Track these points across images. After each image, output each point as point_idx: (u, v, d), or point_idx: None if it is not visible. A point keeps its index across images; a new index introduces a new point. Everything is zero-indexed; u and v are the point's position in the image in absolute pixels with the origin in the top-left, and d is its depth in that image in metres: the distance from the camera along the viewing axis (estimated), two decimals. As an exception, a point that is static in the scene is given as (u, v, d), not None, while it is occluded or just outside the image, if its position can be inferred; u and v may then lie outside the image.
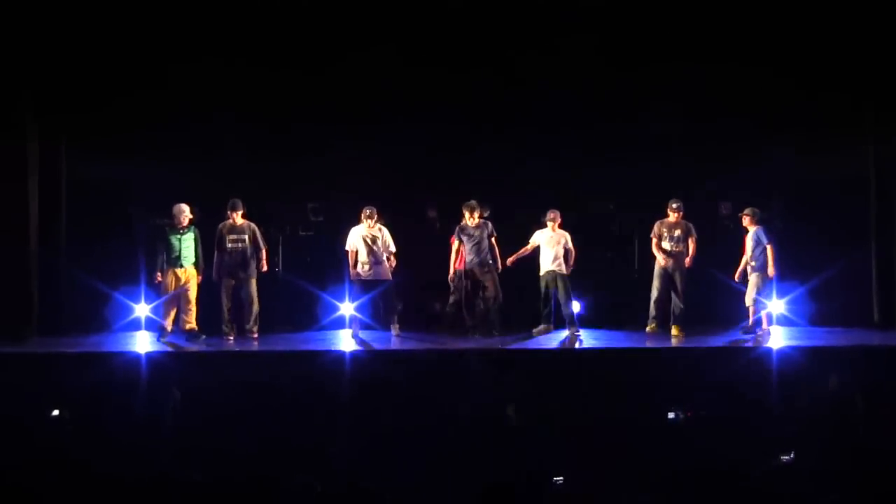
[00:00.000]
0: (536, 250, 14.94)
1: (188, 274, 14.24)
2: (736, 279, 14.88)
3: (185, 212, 14.26)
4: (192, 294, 14.29)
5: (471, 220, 14.69)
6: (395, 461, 8.84)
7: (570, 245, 14.77)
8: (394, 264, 14.76)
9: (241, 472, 8.40)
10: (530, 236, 14.99)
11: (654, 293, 14.85)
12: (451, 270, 15.03)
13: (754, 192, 15.83)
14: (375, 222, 14.59)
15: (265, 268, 14.55)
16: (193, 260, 14.25)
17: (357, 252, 14.61)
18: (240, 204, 14.44)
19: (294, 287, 15.56)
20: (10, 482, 8.42)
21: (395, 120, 15.89)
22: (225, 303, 14.53)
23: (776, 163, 16.01)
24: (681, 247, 14.67)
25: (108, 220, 15.70)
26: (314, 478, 7.47)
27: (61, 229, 15.38)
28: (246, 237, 14.36)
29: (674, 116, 15.79)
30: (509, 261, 14.87)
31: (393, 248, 14.69)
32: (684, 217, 14.81)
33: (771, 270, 14.56)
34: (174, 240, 14.15)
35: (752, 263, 14.60)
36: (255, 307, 14.53)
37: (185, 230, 14.22)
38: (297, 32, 15.23)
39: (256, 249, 14.45)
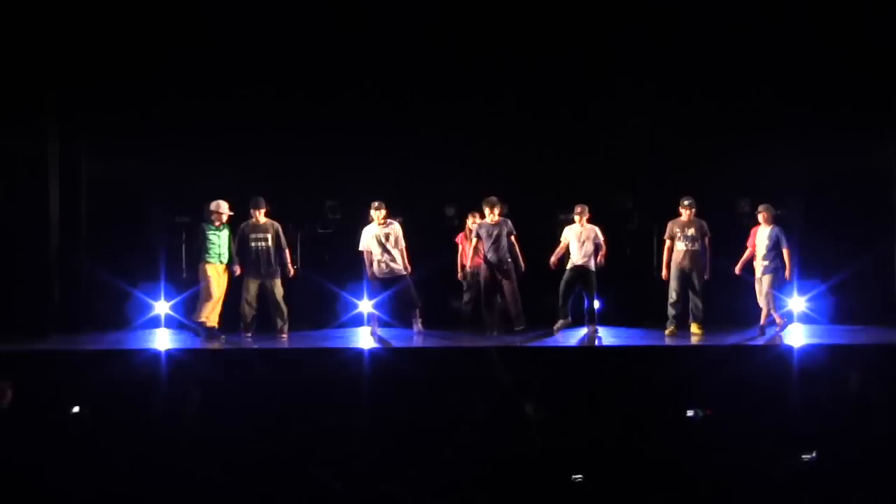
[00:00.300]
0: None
1: (221, 271, 14.20)
2: (737, 272, 14.67)
3: (223, 208, 14.19)
4: (222, 292, 14.25)
5: (490, 216, 14.55)
6: (413, 459, 8.81)
7: (601, 239, 14.64)
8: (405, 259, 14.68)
9: (260, 469, 8.40)
10: (559, 234, 14.86)
11: (672, 295, 14.64)
12: (460, 269, 15.16)
13: (774, 189, 15.60)
14: (385, 217, 14.51)
15: (292, 271, 14.53)
16: (228, 257, 14.23)
17: (371, 252, 14.56)
18: (262, 202, 14.38)
19: (312, 285, 15.56)
20: (32, 478, 8.45)
21: (413, 117, 16.00)
22: (246, 302, 14.46)
23: (796, 159, 15.89)
24: (696, 245, 14.44)
25: (128, 218, 15.75)
26: (334, 476, 7.42)
27: (81, 227, 15.44)
28: (269, 236, 14.29)
29: (691, 113, 15.85)
30: (552, 262, 14.75)
31: (402, 243, 14.62)
32: (697, 215, 14.57)
33: (788, 274, 14.35)
34: (213, 236, 14.11)
35: (766, 263, 14.33)
36: (284, 307, 14.49)
37: (223, 226, 14.19)
38: (316, 33, 15.36)
39: (279, 248, 14.37)
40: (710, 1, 15.16)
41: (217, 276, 14.12)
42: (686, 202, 14.50)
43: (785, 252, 14.31)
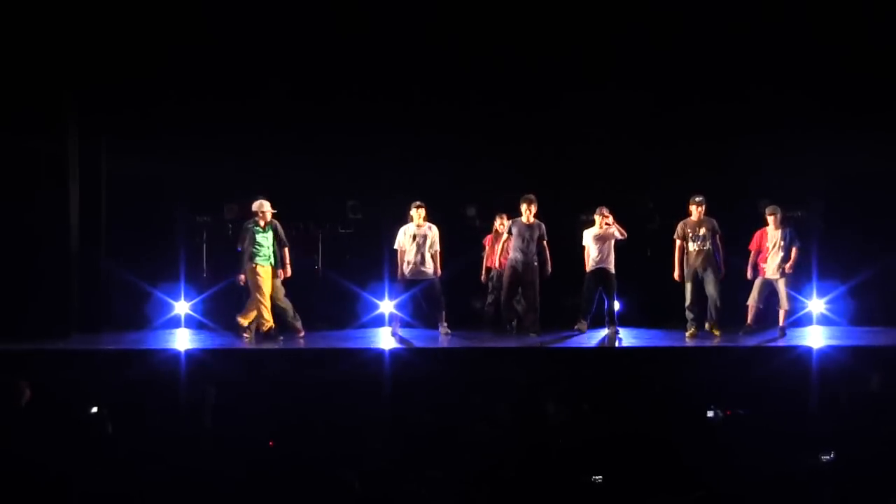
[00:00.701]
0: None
1: (269, 272, 14.22)
2: (750, 276, 14.62)
3: (265, 207, 14.19)
4: (268, 291, 14.26)
5: (526, 214, 14.56)
6: (433, 459, 8.82)
7: (619, 236, 14.70)
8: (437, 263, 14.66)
9: (280, 468, 8.42)
10: (580, 235, 14.97)
11: (688, 297, 14.54)
12: (484, 272, 15.28)
13: (795, 189, 15.78)
14: (424, 219, 14.46)
15: (288, 273, 14.40)
16: (275, 258, 14.26)
17: (405, 252, 14.52)
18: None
19: (333, 285, 15.58)
20: (49, 477, 8.48)
21: (436, 117, 16.03)
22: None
23: (817, 160, 15.88)
24: (707, 245, 14.31)
25: (148, 217, 15.78)
26: (353, 475, 7.45)
27: (101, 227, 15.49)
28: (269, 235, 14.23)
29: (713, 114, 15.76)
30: (587, 269, 14.80)
31: (437, 247, 14.58)
32: (708, 213, 14.48)
33: (789, 267, 14.38)
34: (260, 237, 14.12)
35: (783, 266, 14.34)
36: (289, 305, 14.48)
37: (268, 226, 14.20)
38: (335, 32, 15.26)
39: (281, 246, 14.30)
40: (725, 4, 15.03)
41: (266, 278, 14.15)
42: (697, 199, 14.38)
43: (794, 251, 14.32)
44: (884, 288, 15.55)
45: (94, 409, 11.43)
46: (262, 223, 14.08)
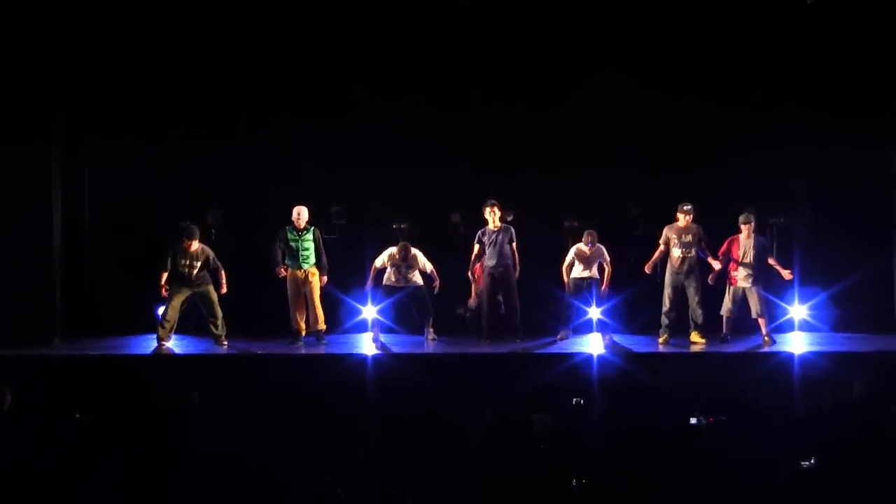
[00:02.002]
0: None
1: (310, 274, 14.47)
2: (710, 282, 14.60)
3: (302, 213, 14.46)
4: (316, 295, 14.54)
5: (491, 217, 14.66)
6: (417, 465, 8.84)
7: (606, 262, 14.79)
8: (436, 283, 14.88)
9: (263, 474, 8.41)
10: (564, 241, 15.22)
11: (666, 303, 14.56)
12: (473, 284, 15.19)
13: (780, 196, 15.87)
14: (403, 250, 14.63)
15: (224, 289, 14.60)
16: (314, 261, 14.49)
17: (382, 270, 14.83)
18: (195, 232, 14.40)
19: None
20: (33, 483, 8.48)
21: (420, 123, 16.10)
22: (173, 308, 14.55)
23: (803, 167, 15.91)
24: (692, 252, 14.32)
25: (134, 221, 15.74)
26: (336, 480, 7.44)
27: (86, 232, 15.73)
28: (198, 263, 14.36)
29: (697, 120, 15.84)
30: (567, 283, 14.93)
31: (430, 267, 14.81)
32: (695, 221, 14.49)
33: (788, 274, 14.58)
34: (293, 242, 14.41)
35: (753, 273, 14.40)
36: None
37: (304, 231, 14.44)
38: (318, 42, 15.48)
39: (212, 272, 14.56)
40: (720, 4, 15.14)
41: (296, 282, 14.59)
42: (686, 207, 14.37)
43: (772, 261, 14.50)
44: (866, 294, 15.64)
45: (77, 416, 11.54)
46: (297, 228, 14.52)
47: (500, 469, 8.61)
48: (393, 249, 14.66)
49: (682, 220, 14.37)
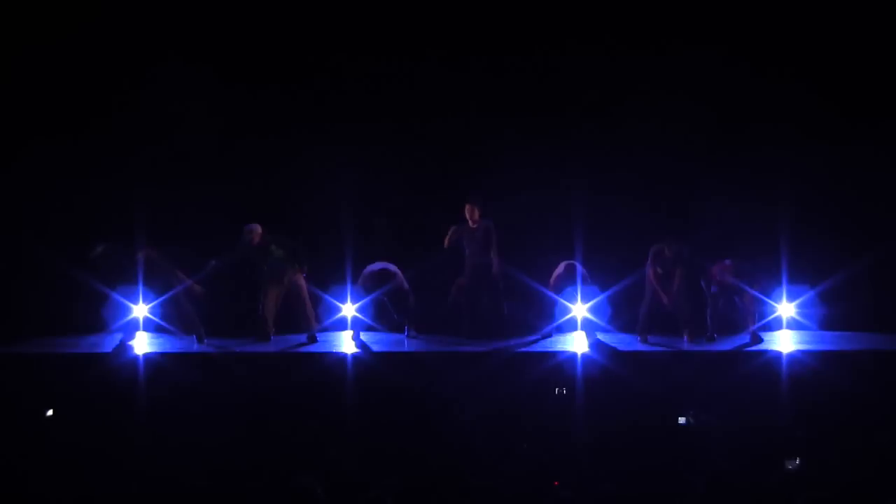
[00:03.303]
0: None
1: (292, 279, 14.74)
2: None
3: (255, 231, 14.71)
4: (305, 296, 14.80)
5: (470, 216, 14.72)
6: (393, 462, 8.94)
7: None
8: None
9: (242, 474, 8.48)
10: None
11: (646, 305, 14.74)
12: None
13: (767, 194, 15.80)
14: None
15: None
16: (291, 267, 14.71)
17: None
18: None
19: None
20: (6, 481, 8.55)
21: (400, 120, 16.20)
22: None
23: (788, 166, 15.84)
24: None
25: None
26: (315, 480, 7.46)
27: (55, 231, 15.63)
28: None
29: (681, 117, 15.78)
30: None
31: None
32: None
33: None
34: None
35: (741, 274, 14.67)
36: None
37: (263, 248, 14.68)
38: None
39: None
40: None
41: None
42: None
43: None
44: (853, 293, 15.51)
45: (49, 413, 11.71)
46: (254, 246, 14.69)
47: (480, 468, 8.66)
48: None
49: (667, 251, 14.55)
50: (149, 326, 14.90)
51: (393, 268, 15.04)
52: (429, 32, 16.04)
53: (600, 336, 14.75)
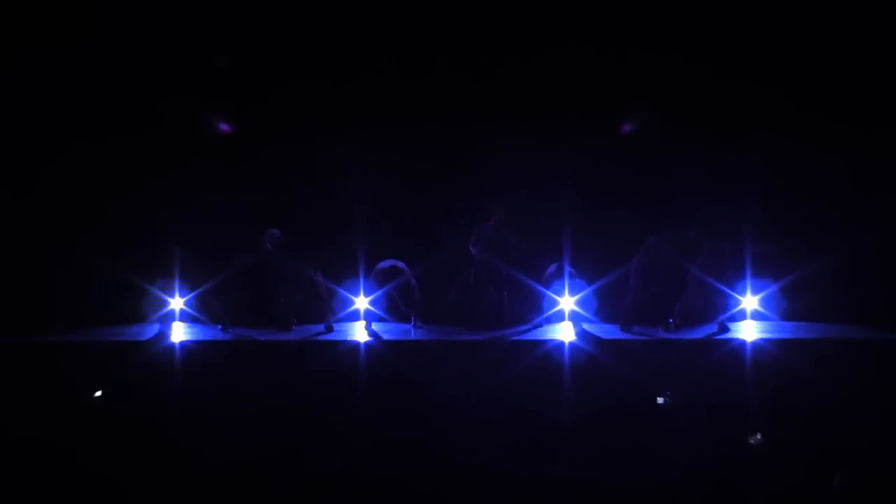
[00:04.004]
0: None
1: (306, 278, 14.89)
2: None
3: (275, 235, 14.82)
4: (323, 292, 14.90)
5: (495, 223, 14.87)
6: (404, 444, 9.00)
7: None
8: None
9: (265, 451, 8.53)
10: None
11: (631, 294, 14.77)
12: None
13: (732, 193, 15.70)
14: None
15: None
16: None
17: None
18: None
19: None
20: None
21: (404, 126, 16.06)
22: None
23: (750, 165, 15.86)
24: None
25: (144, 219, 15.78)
26: (334, 456, 7.55)
27: (103, 232, 15.65)
28: None
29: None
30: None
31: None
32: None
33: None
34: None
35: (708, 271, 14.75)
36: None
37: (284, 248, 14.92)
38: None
39: None
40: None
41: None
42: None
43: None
44: (810, 288, 15.46)
45: (97, 394, 11.97)
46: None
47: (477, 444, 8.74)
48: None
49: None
50: (183, 317, 15.02)
51: (401, 264, 15.11)
52: (424, 41, 15.82)
53: (585, 326, 14.77)
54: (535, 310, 15.24)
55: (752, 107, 15.70)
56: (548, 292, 15.10)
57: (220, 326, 14.83)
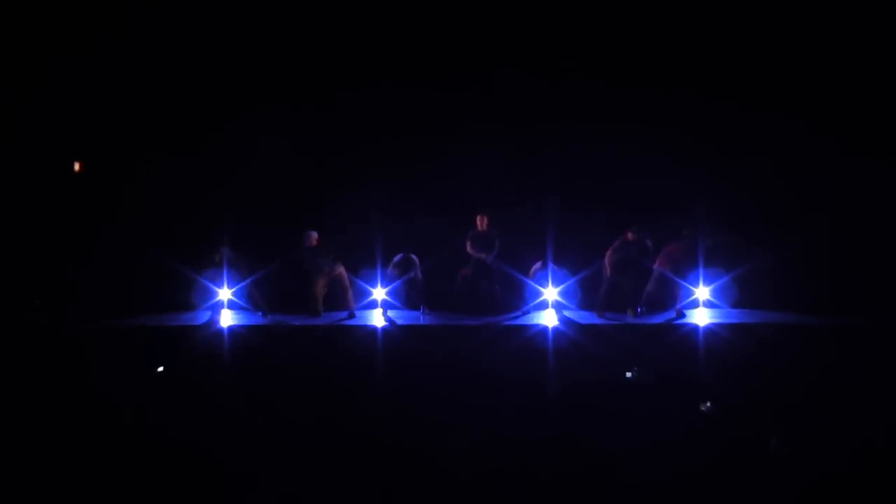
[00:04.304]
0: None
1: (335, 274, 15.53)
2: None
3: (312, 236, 15.47)
4: (347, 286, 15.51)
5: (480, 223, 15.57)
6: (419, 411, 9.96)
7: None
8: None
9: (298, 419, 9.59)
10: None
11: (606, 286, 15.28)
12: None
13: (683, 198, 16.02)
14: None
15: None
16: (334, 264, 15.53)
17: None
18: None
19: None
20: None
21: (407, 140, 16.68)
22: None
23: (703, 168, 16.25)
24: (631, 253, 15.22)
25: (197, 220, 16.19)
26: (357, 425, 8.62)
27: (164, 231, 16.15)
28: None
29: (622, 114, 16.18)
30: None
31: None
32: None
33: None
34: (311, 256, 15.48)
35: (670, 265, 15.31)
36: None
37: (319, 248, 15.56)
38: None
39: None
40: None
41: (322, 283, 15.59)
42: (634, 228, 15.25)
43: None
44: (755, 280, 15.78)
45: (160, 369, 12.64)
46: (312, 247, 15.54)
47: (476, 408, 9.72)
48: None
49: (631, 236, 15.26)
50: (230, 306, 15.45)
51: (413, 258, 15.73)
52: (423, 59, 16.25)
53: (566, 313, 15.22)
54: (523, 299, 15.63)
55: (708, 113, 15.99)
56: (534, 284, 15.54)
57: (260, 314, 15.33)
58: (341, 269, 15.64)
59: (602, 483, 8.18)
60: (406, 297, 16.05)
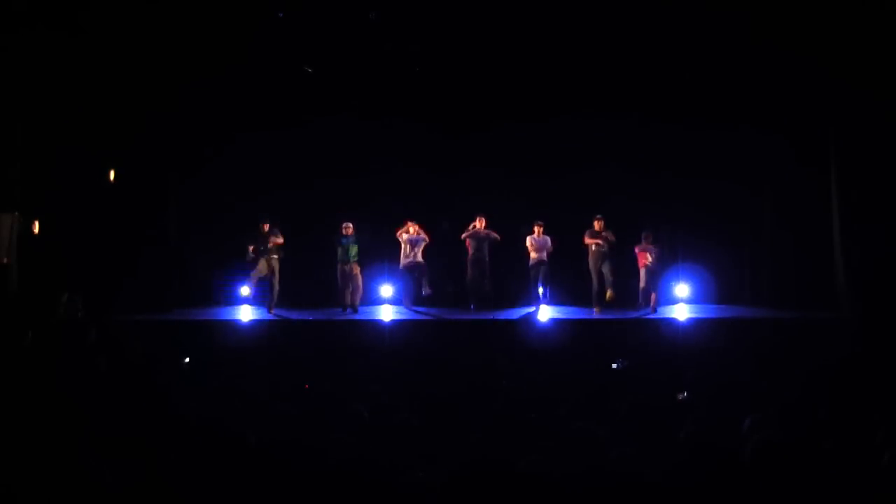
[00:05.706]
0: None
1: (354, 267, 14.65)
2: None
3: (349, 226, 14.63)
4: (360, 281, 14.70)
5: (479, 223, 14.64)
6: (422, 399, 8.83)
7: (550, 246, 14.53)
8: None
9: (305, 403, 8.36)
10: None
11: (595, 283, 14.46)
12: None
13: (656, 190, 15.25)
14: (417, 231, 14.73)
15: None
16: (357, 258, 14.67)
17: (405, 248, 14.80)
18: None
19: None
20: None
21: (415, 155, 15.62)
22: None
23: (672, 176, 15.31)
24: (605, 247, 14.27)
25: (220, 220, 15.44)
26: (362, 407, 7.39)
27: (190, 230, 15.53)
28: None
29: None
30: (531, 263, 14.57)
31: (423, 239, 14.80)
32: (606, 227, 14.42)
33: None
34: (343, 245, 14.61)
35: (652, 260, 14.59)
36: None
37: (350, 238, 14.66)
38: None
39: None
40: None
41: (343, 272, 14.63)
42: (598, 216, 14.39)
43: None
44: (730, 277, 15.56)
45: (186, 360, 11.58)
46: (346, 236, 14.65)
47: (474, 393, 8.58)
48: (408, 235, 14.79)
49: (597, 225, 14.41)
50: (247, 301, 14.82)
51: (420, 256, 14.78)
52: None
53: (560, 309, 14.58)
54: (520, 294, 14.82)
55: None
56: (531, 280, 14.59)
57: (272, 310, 14.43)
58: (356, 267, 14.71)
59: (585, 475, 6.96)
60: (412, 292, 14.92)
